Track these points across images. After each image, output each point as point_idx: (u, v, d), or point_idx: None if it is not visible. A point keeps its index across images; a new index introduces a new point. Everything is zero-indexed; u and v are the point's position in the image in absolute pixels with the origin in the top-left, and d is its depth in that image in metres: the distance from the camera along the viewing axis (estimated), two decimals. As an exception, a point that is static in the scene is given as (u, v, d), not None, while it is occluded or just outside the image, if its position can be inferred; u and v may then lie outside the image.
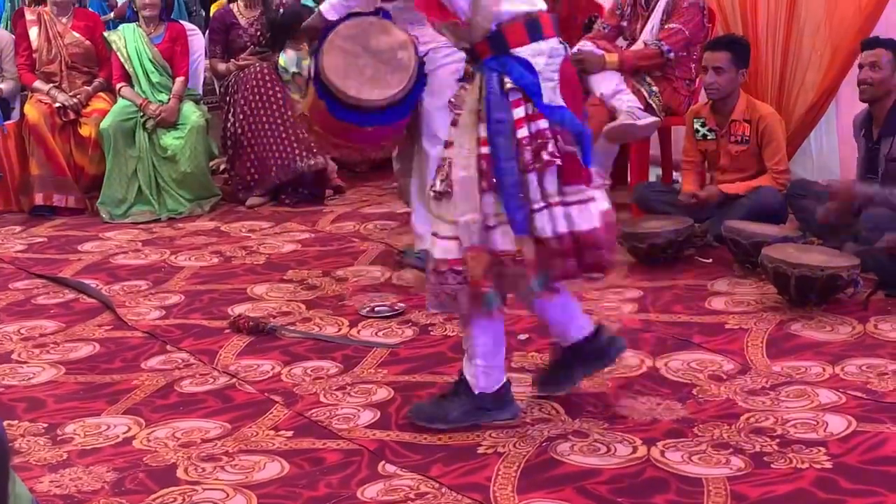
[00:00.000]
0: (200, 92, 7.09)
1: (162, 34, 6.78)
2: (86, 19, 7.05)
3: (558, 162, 3.11)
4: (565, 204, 3.14)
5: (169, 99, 6.63)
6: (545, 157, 3.11)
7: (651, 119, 5.51)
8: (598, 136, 5.52)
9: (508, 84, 3.12)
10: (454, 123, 3.25)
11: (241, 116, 6.66)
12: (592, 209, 3.18)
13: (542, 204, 3.12)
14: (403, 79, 4.31)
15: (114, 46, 6.78)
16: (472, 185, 3.12)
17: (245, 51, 6.88)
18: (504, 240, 3.11)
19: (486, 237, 3.13)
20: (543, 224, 3.11)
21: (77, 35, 6.90)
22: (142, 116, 6.59)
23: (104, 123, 6.57)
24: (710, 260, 4.98)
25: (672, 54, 5.58)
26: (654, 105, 5.55)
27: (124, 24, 6.96)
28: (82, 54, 6.89)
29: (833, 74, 5.55)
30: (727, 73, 5.10)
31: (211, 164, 6.95)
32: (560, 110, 3.19)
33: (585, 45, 5.71)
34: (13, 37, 7.01)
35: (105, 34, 6.94)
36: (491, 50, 3.16)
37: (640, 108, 5.53)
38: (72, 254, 5.77)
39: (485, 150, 3.11)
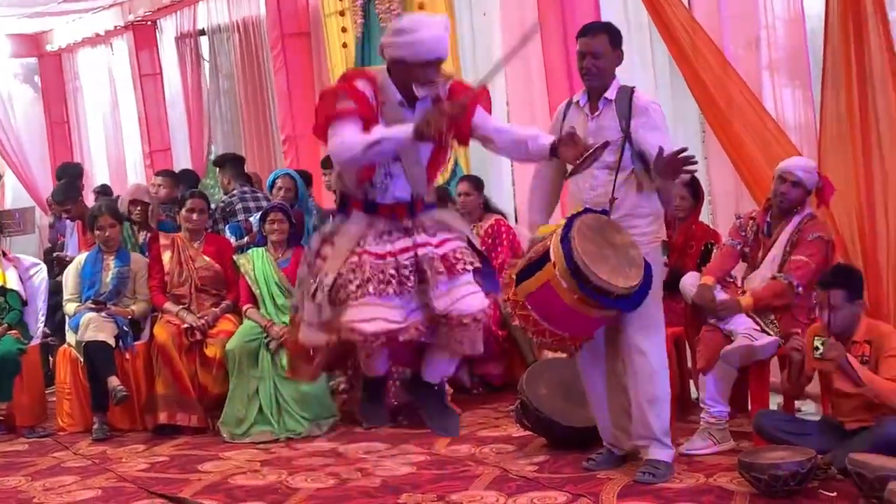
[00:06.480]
0: (323, 314, 7.24)
1: (289, 258, 7.02)
2: (216, 244, 7.36)
3: None
4: None
5: (292, 320, 6.81)
6: None
7: (769, 339, 5.45)
8: (714, 362, 5.49)
9: None
10: None
11: (362, 337, 6.76)
12: None
13: None
14: (639, 274, 4.84)
15: (242, 269, 7.04)
16: None
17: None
18: None
19: None
20: None
21: (207, 259, 7.19)
22: (265, 337, 6.77)
23: (230, 344, 6.77)
24: (835, 494, 4.77)
25: (801, 289, 5.53)
26: (770, 332, 5.50)
27: (254, 248, 7.22)
28: (212, 277, 7.17)
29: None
30: (843, 311, 5.04)
31: (330, 383, 7.05)
32: None
33: (719, 292, 5.70)
34: (147, 260, 7.34)
35: (234, 257, 7.21)
36: None
37: (756, 330, 5.48)
38: (192, 473, 5.86)
39: None
